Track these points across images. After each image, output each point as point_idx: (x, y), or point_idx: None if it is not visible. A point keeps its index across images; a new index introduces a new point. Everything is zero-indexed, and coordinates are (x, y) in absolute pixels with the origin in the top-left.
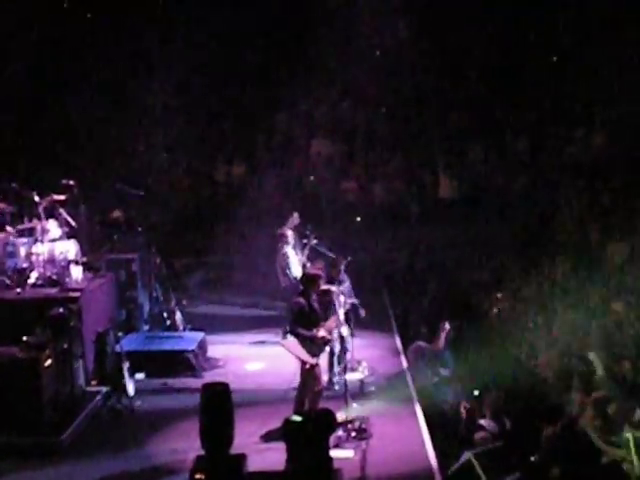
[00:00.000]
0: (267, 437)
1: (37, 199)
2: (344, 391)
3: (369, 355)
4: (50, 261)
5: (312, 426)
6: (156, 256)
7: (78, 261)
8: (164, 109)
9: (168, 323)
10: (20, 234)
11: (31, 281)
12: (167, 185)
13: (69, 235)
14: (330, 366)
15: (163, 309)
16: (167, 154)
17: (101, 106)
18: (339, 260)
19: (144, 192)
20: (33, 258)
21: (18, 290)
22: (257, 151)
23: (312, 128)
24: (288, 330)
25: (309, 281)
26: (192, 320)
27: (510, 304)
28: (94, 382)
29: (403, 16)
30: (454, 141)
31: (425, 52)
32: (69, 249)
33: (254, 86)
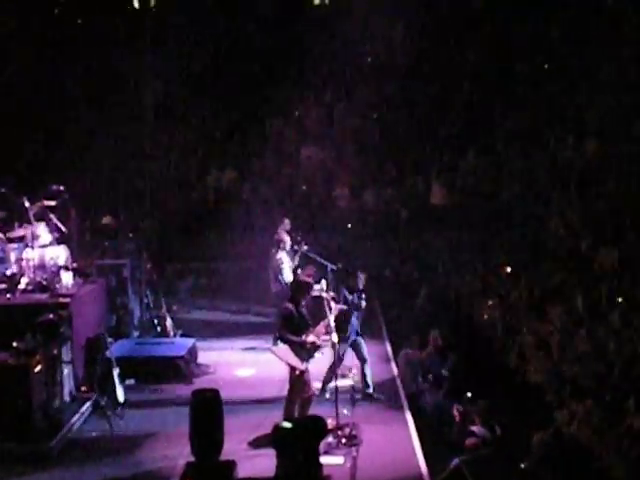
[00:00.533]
0: (257, 443)
1: (27, 204)
2: (334, 398)
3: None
4: (40, 267)
5: (302, 432)
6: (147, 262)
7: (68, 267)
8: (156, 114)
9: (159, 329)
10: (10, 240)
11: (21, 287)
12: (158, 191)
13: (59, 241)
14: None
15: (154, 315)
16: (158, 160)
17: (92, 111)
18: (358, 274)
19: (135, 198)
20: (23, 264)
21: (8, 296)
22: (249, 157)
23: (304, 134)
24: (278, 336)
25: (298, 287)
26: (183, 326)
27: (500, 311)
28: (84, 388)
29: (395, 22)
30: (446, 148)
31: (417, 58)
32: (59, 255)
33: (246, 92)
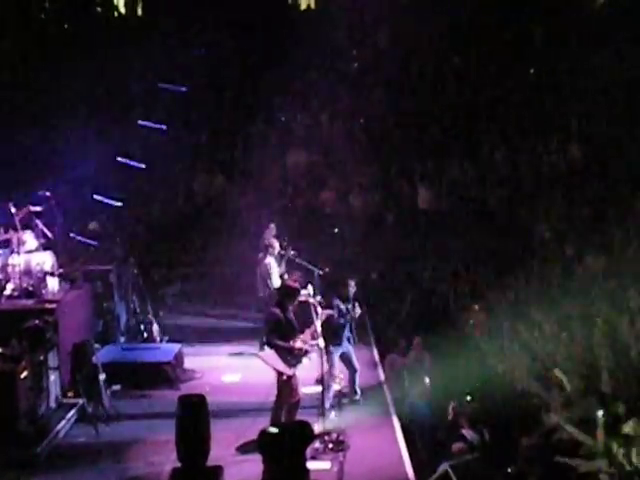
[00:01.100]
0: (244, 449)
1: (13, 210)
2: (321, 403)
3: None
4: (26, 272)
5: (289, 438)
6: (133, 267)
7: (54, 272)
8: (143, 117)
9: (145, 335)
10: None
11: (7, 292)
12: (144, 196)
13: (45, 246)
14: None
15: (140, 320)
16: (145, 165)
17: (79, 116)
18: (347, 279)
19: (121, 203)
20: (9, 269)
21: None
22: (235, 162)
23: (290, 139)
24: (265, 341)
25: (286, 292)
26: (169, 332)
27: (486, 315)
28: (70, 394)
29: (381, 28)
30: (432, 152)
31: (402, 64)
32: (45, 260)
33: (232, 97)
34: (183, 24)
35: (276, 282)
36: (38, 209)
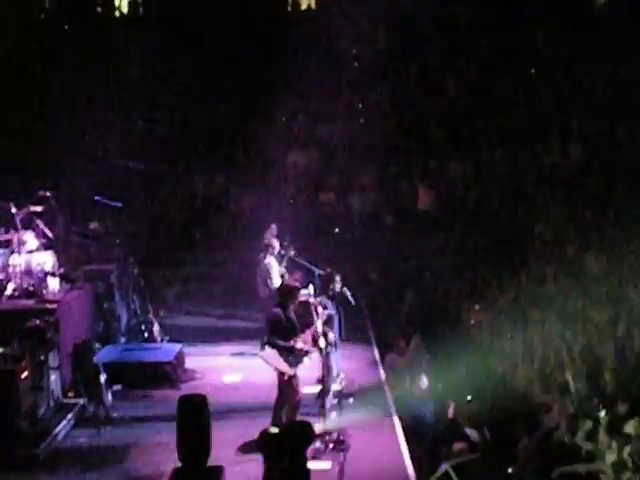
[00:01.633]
0: (244, 449)
1: (14, 210)
2: (322, 403)
3: (347, 366)
4: (27, 272)
5: (289, 438)
6: (134, 267)
7: (55, 273)
8: (143, 119)
9: (146, 335)
10: None
11: (8, 293)
12: (145, 196)
13: (46, 246)
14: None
15: (141, 321)
16: (145, 164)
17: (79, 116)
18: (334, 274)
19: (122, 203)
20: (10, 269)
21: None
22: (236, 163)
23: (290, 139)
24: (266, 341)
25: (286, 292)
26: (170, 331)
27: (488, 315)
28: (71, 394)
29: (381, 29)
30: (431, 153)
31: (403, 64)
32: (46, 260)
33: (232, 97)
34: (181, 24)
35: (276, 282)
36: (38, 209)
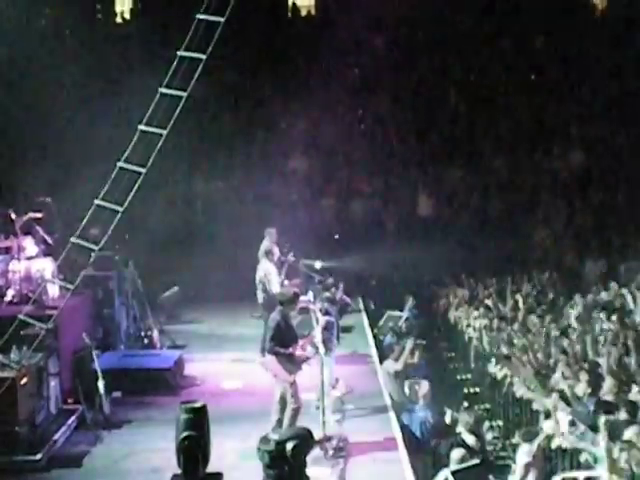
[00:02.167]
0: (244, 455)
1: (13, 216)
2: (321, 409)
3: (346, 372)
4: (26, 279)
5: (289, 444)
6: (134, 273)
7: (54, 279)
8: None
9: (145, 341)
10: None
11: (7, 299)
12: (145, 202)
13: (46, 253)
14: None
15: (140, 327)
16: (144, 170)
17: (78, 122)
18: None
19: (122, 209)
20: (9, 276)
21: None
22: (236, 168)
23: (291, 146)
24: (266, 348)
25: (286, 299)
26: (170, 338)
27: (487, 321)
28: (70, 400)
29: (382, 35)
30: (432, 159)
31: (403, 71)
32: (45, 267)
33: (233, 103)
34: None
35: (276, 288)
36: (38, 215)
